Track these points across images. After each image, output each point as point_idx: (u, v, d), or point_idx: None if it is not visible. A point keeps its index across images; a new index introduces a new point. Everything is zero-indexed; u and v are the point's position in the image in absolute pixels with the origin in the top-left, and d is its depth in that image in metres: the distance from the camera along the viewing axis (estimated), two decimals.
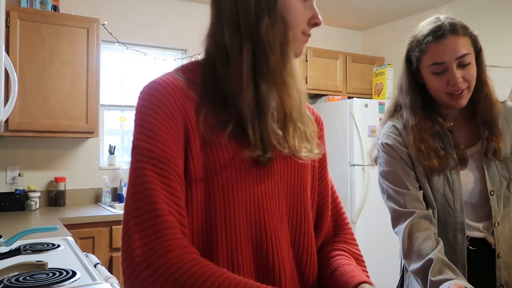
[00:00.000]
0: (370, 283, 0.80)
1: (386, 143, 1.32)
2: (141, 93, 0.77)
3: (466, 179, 1.27)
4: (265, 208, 0.80)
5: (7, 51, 2.71)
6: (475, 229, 1.28)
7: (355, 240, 0.97)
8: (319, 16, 0.81)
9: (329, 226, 0.95)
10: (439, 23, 1.24)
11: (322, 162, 0.96)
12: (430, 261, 1.13)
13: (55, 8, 3.11)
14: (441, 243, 1.19)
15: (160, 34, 3.65)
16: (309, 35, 0.83)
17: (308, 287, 0.87)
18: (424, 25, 1.27)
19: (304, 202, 0.87)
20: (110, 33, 3.38)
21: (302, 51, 0.84)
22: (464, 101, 1.25)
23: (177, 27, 3.68)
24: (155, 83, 0.77)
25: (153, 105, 0.74)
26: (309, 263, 0.87)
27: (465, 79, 1.22)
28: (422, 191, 1.28)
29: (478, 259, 1.27)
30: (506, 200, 1.28)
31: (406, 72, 1.33)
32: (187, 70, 0.82)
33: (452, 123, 1.30)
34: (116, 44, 3.46)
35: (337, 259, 0.89)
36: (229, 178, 0.77)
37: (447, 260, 1.13)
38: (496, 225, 1.25)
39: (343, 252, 0.92)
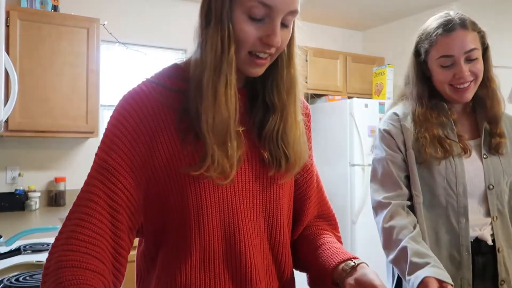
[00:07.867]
0: (357, 259, 0.84)
1: (384, 129, 1.33)
2: (117, 105, 0.83)
3: (469, 167, 1.28)
4: (238, 207, 0.83)
5: (7, 51, 2.71)
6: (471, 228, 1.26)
7: (339, 229, 1.03)
8: (274, 37, 0.74)
9: (313, 213, 0.99)
10: (449, 17, 1.26)
11: None
12: (403, 250, 1.13)
13: (55, 8, 3.11)
14: (418, 228, 1.20)
15: (160, 34, 3.65)
16: (259, 57, 0.77)
17: (284, 276, 0.92)
18: (434, 19, 1.29)
19: (279, 198, 0.89)
20: (110, 33, 3.37)
21: (254, 72, 0.79)
22: (470, 95, 1.27)
23: (177, 27, 3.68)
24: (128, 96, 0.82)
25: (119, 117, 0.80)
26: (285, 253, 0.91)
27: (472, 72, 1.24)
28: (406, 191, 1.28)
29: (476, 255, 1.26)
30: (506, 195, 1.30)
31: (414, 64, 1.34)
32: (166, 77, 0.87)
33: (455, 116, 1.32)
34: (116, 44, 3.46)
35: (324, 237, 0.94)
36: (201, 178, 0.79)
37: (419, 247, 1.13)
38: (495, 219, 1.27)
39: (329, 233, 0.97)
